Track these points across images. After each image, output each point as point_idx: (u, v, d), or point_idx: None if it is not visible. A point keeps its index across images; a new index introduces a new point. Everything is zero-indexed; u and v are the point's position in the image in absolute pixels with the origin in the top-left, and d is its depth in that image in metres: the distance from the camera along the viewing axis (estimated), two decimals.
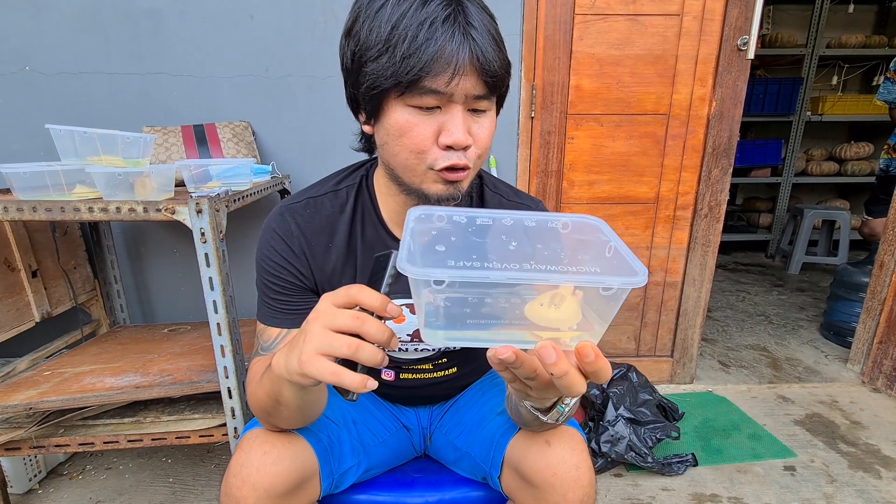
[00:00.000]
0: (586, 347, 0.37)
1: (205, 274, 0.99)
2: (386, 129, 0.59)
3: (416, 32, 0.51)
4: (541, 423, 0.56)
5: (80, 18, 1.43)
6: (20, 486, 1.34)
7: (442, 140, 0.56)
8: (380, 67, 0.53)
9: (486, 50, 0.53)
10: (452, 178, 0.59)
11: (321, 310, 0.46)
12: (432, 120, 0.56)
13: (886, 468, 1.43)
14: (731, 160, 1.64)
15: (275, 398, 0.56)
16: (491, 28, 0.55)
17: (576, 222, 0.46)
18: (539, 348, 0.37)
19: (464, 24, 0.52)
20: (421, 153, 0.57)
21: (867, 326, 1.91)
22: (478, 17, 0.53)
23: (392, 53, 0.52)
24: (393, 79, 0.53)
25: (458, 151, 0.57)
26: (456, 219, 0.44)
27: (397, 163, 0.60)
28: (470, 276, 0.35)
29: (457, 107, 0.55)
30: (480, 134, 0.59)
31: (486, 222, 0.45)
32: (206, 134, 1.40)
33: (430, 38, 0.51)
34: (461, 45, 0.52)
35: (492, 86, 0.56)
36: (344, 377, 0.43)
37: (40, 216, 0.95)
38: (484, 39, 0.53)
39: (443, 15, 0.51)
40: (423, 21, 0.51)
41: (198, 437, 1.11)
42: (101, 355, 1.29)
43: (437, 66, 0.51)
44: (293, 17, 1.47)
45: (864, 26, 3.60)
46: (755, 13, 1.50)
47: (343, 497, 0.77)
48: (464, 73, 0.53)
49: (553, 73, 1.57)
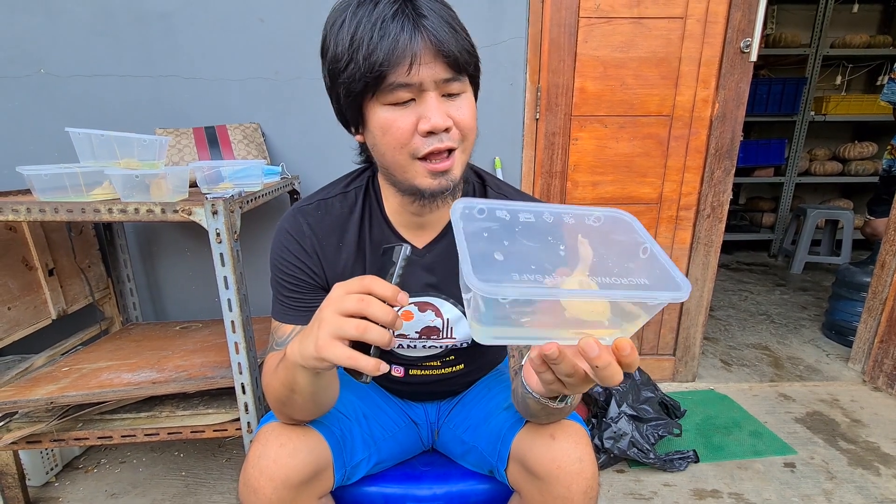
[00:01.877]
0: (623, 343, 0.40)
1: (220, 273, 1.02)
2: (372, 132, 0.62)
3: (371, 33, 0.55)
4: (549, 412, 0.59)
5: (94, 22, 1.46)
6: (38, 479, 1.38)
7: (421, 127, 0.59)
8: (349, 75, 0.57)
9: (439, 34, 0.56)
10: (440, 167, 0.61)
11: (333, 297, 0.50)
12: (410, 112, 0.59)
13: (886, 465, 1.45)
14: (734, 161, 1.66)
15: (289, 387, 0.59)
16: (444, 14, 0.58)
17: (607, 216, 0.48)
18: (583, 343, 0.40)
19: (413, 15, 0.55)
20: (404, 145, 0.60)
21: (868, 326, 1.92)
22: (427, 6, 0.57)
23: (356, 59, 0.56)
24: (362, 81, 0.57)
25: (439, 135, 0.60)
26: (499, 214, 0.46)
27: (387, 162, 0.64)
28: (537, 294, 0.38)
29: (429, 94, 0.58)
30: (459, 115, 0.61)
31: (528, 219, 0.46)
32: (217, 135, 1.44)
33: (384, 35, 0.55)
34: (413, 34, 0.55)
35: (455, 66, 0.58)
36: (359, 360, 0.47)
37: (61, 217, 0.99)
38: (435, 25, 0.56)
39: (391, 11, 0.55)
40: (375, 22, 0.55)
41: (212, 432, 1.14)
42: (116, 352, 1.33)
43: (394, 57, 0.55)
44: (302, 20, 1.50)
45: (868, 26, 3.59)
46: (758, 16, 1.52)
47: (354, 489, 0.80)
48: (423, 61, 0.56)
49: (558, 76, 1.59)
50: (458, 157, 0.63)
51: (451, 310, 0.77)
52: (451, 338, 0.79)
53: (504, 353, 0.95)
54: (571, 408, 0.60)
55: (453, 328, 0.78)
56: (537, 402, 0.57)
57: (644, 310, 0.41)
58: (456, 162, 0.63)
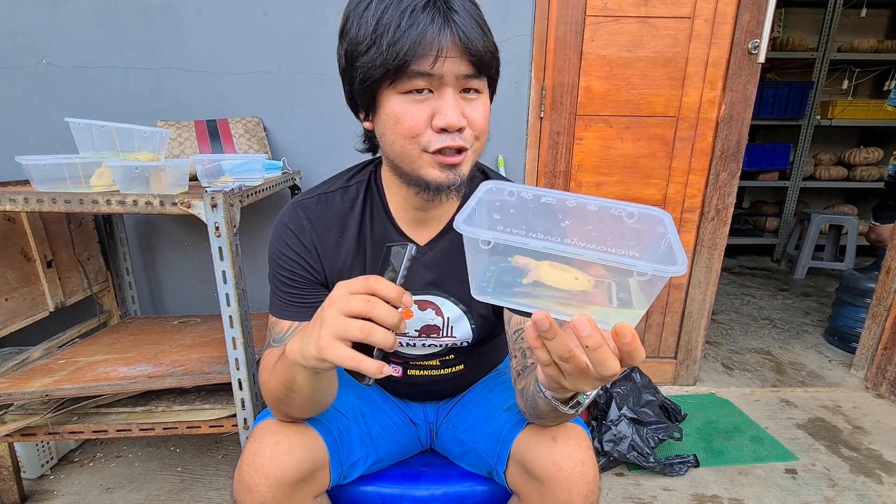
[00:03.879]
0: (624, 328, 0.37)
1: (218, 267, 1.01)
2: (383, 120, 0.61)
3: (399, 21, 0.53)
4: (557, 414, 0.57)
5: (97, 13, 1.45)
6: (33, 472, 1.37)
7: (436, 122, 0.58)
8: (369, 59, 0.56)
9: (468, 31, 0.55)
10: (450, 161, 0.60)
11: (336, 296, 0.48)
12: (425, 105, 0.58)
13: (888, 473, 1.44)
14: (740, 164, 1.64)
15: (288, 385, 0.58)
16: (473, 12, 0.57)
17: (642, 213, 0.45)
18: (575, 319, 0.38)
19: (444, 8, 0.55)
20: (415, 137, 0.59)
21: (872, 332, 1.91)
22: (458, 2, 0.56)
23: (379, 44, 0.55)
24: (382, 68, 0.55)
25: (453, 133, 0.59)
26: (524, 195, 0.46)
27: (394, 151, 0.62)
28: (511, 240, 0.37)
29: (448, 89, 0.57)
30: (474, 115, 0.60)
31: (550, 201, 0.45)
32: (218, 129, 1.42)
33: (413, 24, 0.53)
34: (442, 27, 0.54)
35: (478, 65, 0.57)
36: (362, 362, 0.45)
37: (60, 207, 0.98)
38: (465, 21, 0.55)
39: (423, 2, 0.54)
40: (405, 10, 0.54)
41: (208, 427, 1.13)
42: (113, 345, 1.32)
43: (420, 49, 0.54)
44: (306, 14, 1.48)
45: (876, 31, 3.57)
46: (767, 17, 1.50)
47: (351, 488, 0.79)
48: (448, 54, 0.55)
49: (563, 74, 1.57)
50: (469, 156, 0.62)
51: (452, 308, 0.76)
52: (452, 336, 0.78)
53: (505, 353, 0.94)
54: (584, 407, 0.58)
55: (453, 327, 0.77)
56: (548, 403, 0.55)
57: (642, 289, 0.37)
58: (467, 159, 0.62)
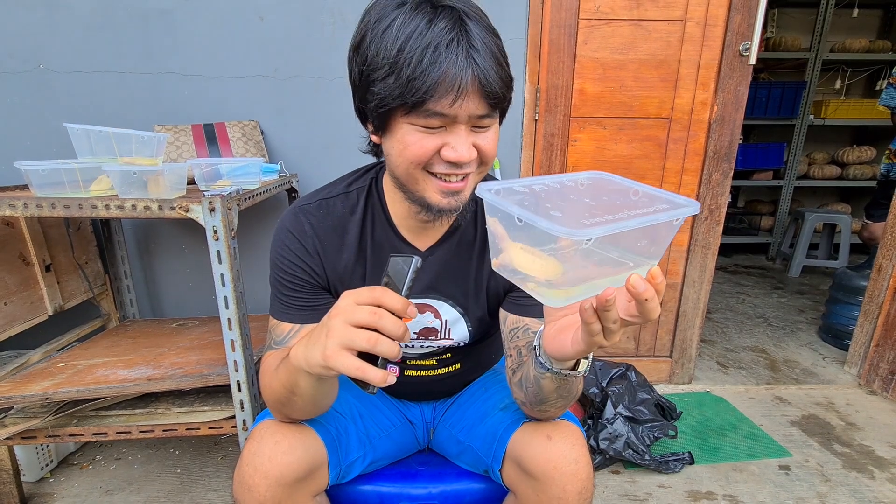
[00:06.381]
0: (656, 270, 0.42)
1: (217, 270, 1.02)
2: (391, 143, 0.61)
3: (422, 56, 0.53)
4: (561, 391, 0.60)
5: (94, 18, 1.46)
6: (33, 475, 1.37)
7: (445, 154, 0.59)
8: (387, 88, 0.55)
9: (488, 72, 0.55)
10: (453, 187, 0.61)
11: (342, 306, 0.49)
12: (436, 137, 0.58)
13: (880, 469, 1.46)
14: (732, 164, 1.66)
15: (290, 389, 0.59)
16: (494, 48, 0.56)
17: (588, 178, 0.51)
18: (633, 280, 0.41)
19: (467, 46, 0.54)
20: (421, 163, 0.60)
21: (864, 329, 1.93)
22: (480, 39, 0.55)
23: (398, 75, 0.54)
24: (399, 99, 0.55)
25: (461, 165, 0.60)
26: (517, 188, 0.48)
27: (400, 173, 0.63)
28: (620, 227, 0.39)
29: (460, 127, 0.58)
30: (484, 145, 0.61)
31: (543, 188, 0.48)
32: (216, 133, 1.43)
33: (435, 63, 0.53)
34: (464, 68, 0.53)
35: (494, 105, 0.58)
36: (367, 371, 0.47)
37: (59, 213, 0.98)
38: (486, 61, 0.55)
39: (447, 39, 0.53)
40: (428, 45, 0.53)
41: (207, 429, 1.14)
42: (112, 348, 1.33)
43: (441, 88, 0.54)
44: (302, 19, 1.49)
45: (868, 31, 3.60)
46: (757, 19, 1.52)
47: (349, 487, 0.80)
48: (467, 95, 0.55)
49: (557, 77, 1.59)
50: (472, 179, 0.63)
51: (450, 311, 0.77)
52: (449, 338, 0.79)
53: (500, 353, 0.95)
54: (578, 389, 0.61)
55: (451, 329, 0.79)
56: (554, 379, 0.57)
57: (667, 233, 0.43)
58: (469, 184, 0.63)
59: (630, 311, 0.43)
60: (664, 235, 0.44)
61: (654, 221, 0.40)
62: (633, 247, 0.44)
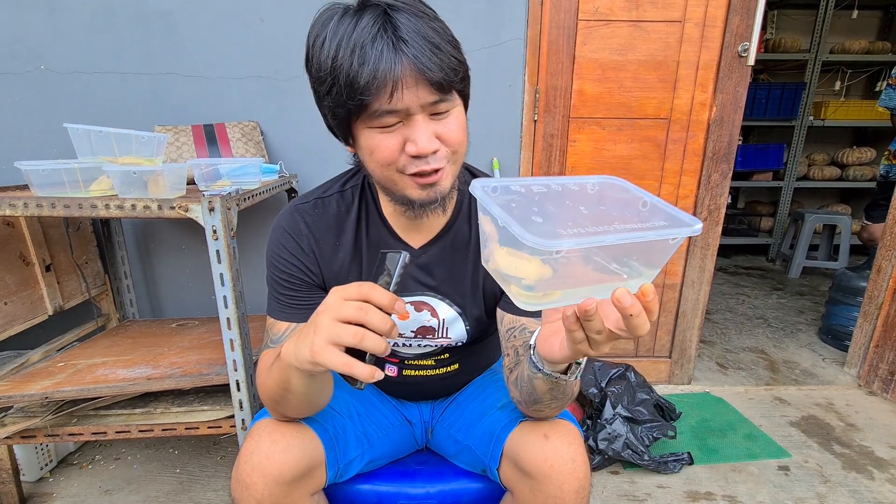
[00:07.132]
0: (648, 287, 0.41)
1: (216, 270, 1.02)
2: (361, 151, 0.63)
3: (351, 59, 0.53)
4: (554, 393, 0.60)
5: (94, 19, 1.46)
6: (32, 475, 1.37)
7: (408, 150, 0.59)
8: (333, 99, 0.56)
9: (420, 59, 0.53)
10: (426, 181, 0.61)
11: (330, 302, 0.49)
12: (397, 134, 0.59)
13: (879, 469, 1.46)
14: (731, 165, 1.66)
15: (283, 386, 0.59)
16: (426, 32, 0.55)
17: (601, 182, 0.49)
18: (618, 294, 0.40)
19: (392, 38, 0.53)
20: (391, 164, 0.60)
21: (864, 330, 1.93)
22: (409, 26, 0.54)
23: (337, 84, 0.55)
24: (344, 108, 0.56)
25: (427, 157, 0.59)
26: (514, 188, 0.47)
27: (377, 178, 0.64)
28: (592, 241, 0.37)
29: (416, 117, 0.57)
30: (448, 133, 0.60)
31: (542, 189, 0.47)
32: (216, 133, 1.44)
33: (363, 63, 0.52)
34: (393, 60, 0.53)
35: (441, 88, 0.56)
36: (355, 367, 0.47)
37: (59, 212, 0.99)
38: (417, 48, 0.53)
39: (371, 35, 0.53)
40: (355, 46, 0.53)
41: (206, 428, 1.14)
42: (112, 348, 1.33)
43: (375, 85, 0.53)
44: (302, 20, 1.50)
45: (867, 32, 3.60)
46: (756, 20, 1.53)
47: (347, 486, 0.80)
48: (405, 86, 0.54)
49: (556, 78, 1.59)
50: (448, 170, 0.63)
51: (447, 310, 0.77)
52: (447, 337, 0.79)
53: (498, 353, 0.95)
54: (573, 391, 0.61)
55: (448, 328, 0.79)
56: (546, 381, 0.57)
57: (662, 250, 0.41)
58: (445, 174, 0.63)
59: (619, 324, 0.42)
60: (659, 252, 0.42)
61: (636, 239, 0.39)
62: (624, 261, 0.43)
